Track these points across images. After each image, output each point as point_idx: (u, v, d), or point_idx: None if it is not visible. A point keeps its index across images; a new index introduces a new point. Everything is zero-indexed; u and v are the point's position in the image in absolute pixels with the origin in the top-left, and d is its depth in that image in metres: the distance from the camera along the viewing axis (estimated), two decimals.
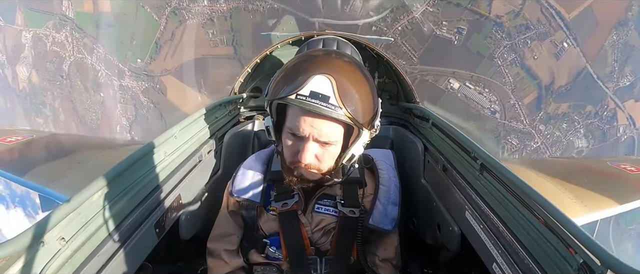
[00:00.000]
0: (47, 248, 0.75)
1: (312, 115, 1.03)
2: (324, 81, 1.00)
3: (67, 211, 0.81)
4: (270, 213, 1.29)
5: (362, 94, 1.06)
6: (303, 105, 1.00)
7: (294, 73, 1.06)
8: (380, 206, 1.28)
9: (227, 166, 1.76)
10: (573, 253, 0.73)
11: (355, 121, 1.04)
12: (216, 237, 1.38)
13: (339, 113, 1.01)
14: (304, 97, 1.00)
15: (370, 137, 1.15)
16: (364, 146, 1.17)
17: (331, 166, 1.16)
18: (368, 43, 2.22)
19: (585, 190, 2.80)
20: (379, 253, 1.34)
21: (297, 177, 1.16)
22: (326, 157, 1.13)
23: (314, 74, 1.01)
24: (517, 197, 0.94)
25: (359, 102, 1.04)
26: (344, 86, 1.02)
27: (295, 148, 1.11)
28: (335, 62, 1.10)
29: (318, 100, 0.99)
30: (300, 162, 1.09)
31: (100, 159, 2.99)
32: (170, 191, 1.28)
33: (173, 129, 1.32)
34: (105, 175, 0.95)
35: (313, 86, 1.00)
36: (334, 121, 1.05)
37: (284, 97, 1.03)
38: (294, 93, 1.01)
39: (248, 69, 2.26)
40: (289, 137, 1.12)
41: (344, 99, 1.01)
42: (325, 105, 0.99)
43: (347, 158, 1.14)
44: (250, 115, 2.29)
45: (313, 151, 1.09)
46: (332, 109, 1.00)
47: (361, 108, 1.05)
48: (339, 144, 1.12)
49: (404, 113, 2.24)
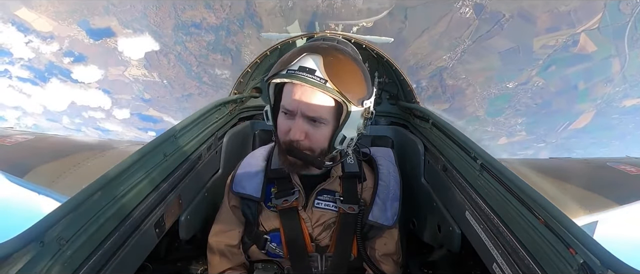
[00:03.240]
0: (47, 248, 0.75)
1: (300, 88, 1.08)
2: (313, 58, 1.09)
3: (67, 211, 0.81)
4: (271, 209, 1.29)
5: (350, 73, 1.12)
6: (291, 77, 1.08)
7: (288, 55, 1.15)
8: (380, 202, 1.28)
9: (227, 166, 1.76)
10: (573, 253, 0.72)
11: (341, 95, 1.07)
12: (217, 232, 1.37)
13: (325, 85, 1.06)
14: (293, 70, 1.08)
15: (364, 122, 1.16)
16: (358, 130, 1.17)
17: (324, 147, 1.16)
18: (368, 43, 2.23)
19: (586, 191, 2.80)
20: (380, 248, 1.34)
21: (291, 160, 1.16)
22: (317, 136, 1.13)
23: (305, 52, 1.11)
24: (517, 197, 0.94)
25: (346, 79, 1.09)
26: (331, 63, 1.08)
27: (287, 126, 1.14)
28: (327, 46, 1.16)
29: (305, 73, 1.06)
30: (291, 139, 1.11)
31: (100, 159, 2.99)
32: (170, 191, 1.28)
33: (173, 129, 1.32)
34: (105, 175, 0.95)
35: (302, 62, 1.09)
36: (322, 96, 1.08)
37: (276, 73, 1.11)
38: (285, 69, 1.10)
39: (248, 69, 2.26)
40: (282, 117, 1.16)
41: (330, 73, 1.06)
42: (311, 76, 1.06)
43: (339, 140, 1.14)
44: (250, 115, 2.29)
45: (302, 127, 1.11)
46: (317, 80, 1.06)
47: (349, 85, 1.09)
48: (330, 124, 1.14)
49: (404, 113, 2.24)
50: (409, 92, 2.23)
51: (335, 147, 1.16)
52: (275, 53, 2.27)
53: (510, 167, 1.02)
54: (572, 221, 0.76)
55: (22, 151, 3.12)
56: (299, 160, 1.15)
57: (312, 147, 1.14)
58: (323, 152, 1.16)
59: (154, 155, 1.19)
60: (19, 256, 0.68)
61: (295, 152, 1.13)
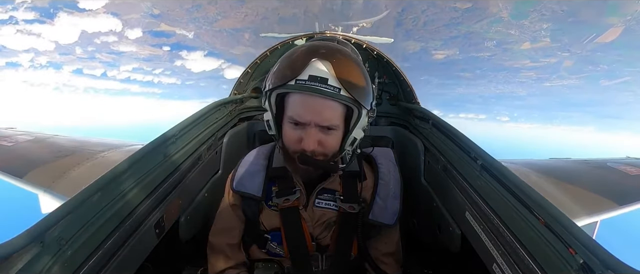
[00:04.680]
0: (47, 248, 0.75)
1: (312, 99, 1.03)
2: (322, 65, 1.02)
3: (67, 211, 0.81)
4: (272, 208, 1.28)
5: (358, 77, 1.08)
6: (303, 89, 1.01)
7: (291, 62, 1.07)
8: (380, 201, 1.27)
9: (227, 166, 1.76)
10: (573, 253, 0.73)
11: (355, 102, 1.05)
12: (218, 231, 1.36)
13: (340, 94, 1.02)
14: (304, 81, 1.01)
15: (368, 121, 1.16)
16: (363, 129, 1.16)
17: (335, 151, 1.14)
18: (368, 44, 2.23)
19: (586, 191, 2.80)
20: (381, 247, 1.33)
21: (303, 168, 1.14)
22: (330, 142, 1.11)
23: (311, 58, 1.03)
24: (517, 197, 0.94)
25: (356, 84, 1.06)
26: (342, 68, 1.03)
27: (297, 136, 1.09)
28: (334, 49, 1.11)
29: (317, 83, 1.00)
30: (304, 150, 1.08)
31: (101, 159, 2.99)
32: (170, 191, 1.28)
33: (173, 130, 1.32)
34: (105, 175, 0.95)
35: (311, 70, 1.01)
36: (334, 104, 1.05)
37: (283, 84, 1.03)
38: (293, 79, 1.02)
39: (248, 70, 2.27)
40: (290, 127, 1.11)
41: (343, 80, 1.02)
42: (325, 87, 1.00)
43: (350, 142, 1.14)
44: (250, 115, 2.29)
45: (315, 137, 1.08)
46: (332, 90, 1.01)
47: (359, 90, 1.06)
48: (341, 128, 1.12)
49: (404, 113, 2.24)
50: (409, 93, 2.23)
51: (345, 149, 1.16)
52: (275, 53, 2.27)
53: (510, 168, 1.03)
54: (572, 221, 0.76)
55: (22, 151, 3.12)
56: (312, 167, 1.13)
57: (325, 153, 1.13)
58: (335, 156, 1.16)
59: (154, 155, 1.19)
60: (19, 256, 0.68)
61: (310, 161, 1.11)
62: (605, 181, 3.05)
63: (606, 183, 3.00)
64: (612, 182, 3.01)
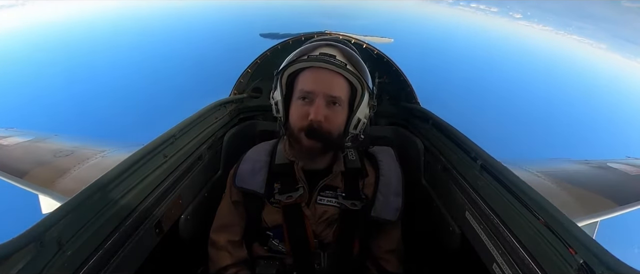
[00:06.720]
0: (47, 248, 0.75)
1: (322, 73, 1.17)
2: (331, 48, 1.22)
3: (66, 211, 0.81)
4: (274, 205, 1.27)
5: (360, 62, 1.24)
6: (316, 60, 1.17)
7: (303, 48, 1.25)
8: (381, 197, 1.27)
9: (227, 166, 1.75)
10: (573, 253, 0.73)
11: (359, 78, 1.18)
12: (219, 228, 1.35)
13: (346, 68, 1.17)
14: (315, 56, 1.19)
15: (369, 111, 1.25)
16: (366, 117, 1.25)
17: (340, 131, 1.21)
18: (368, 44, 2.23)
19: (586, 191, 2.80)
20: (383, 244, 1.33)
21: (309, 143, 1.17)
22: (335, 118, 1.18)
23: (321, 44, 1.24)
24: (517, 197, 0.94)
25: (359, 66, 1.21)
26: (348, 54, 1.23)
27: (305, 111, 1.17)
28: (337, 40, 1.32)
29: (327, 57, 1.18)
30: (312, 120, 1.14)
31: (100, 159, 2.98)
32: (170, 191, 1.28)
33: (173, 130, 1.32)
34: (105, 175, 0.95)
35: (321, 50, 1.21)
36: (341, 80, 1.18)
37: (295, 61, 1.20)
38: (306, 55, 1.20)
39: (248, 70, 2.27)
40: (299, 104, 1.19)
41: (348, 59, 1.21)
42: (333, 60, 1.17)
43: (354, 123, 1.22)
44: (250, 115, 2.29)
45: (323, 108, 1.15)
46: (339, 63, 1.17)
47: (362, 71, 1.21)
48: (345, 105, 1.21)
49: (404, 113, 2.24)
50: (409, 93, 2.23)
51: (350, 132, 1.22)
52: (276, 53, 2.27)
53: (510, 168, 1.03)
54: (572, 221, 0.76)
55: (22, 151, 3.12)
56: (319, 142, 1.17)
57: (330, 130, 1.17)
58: (340, 137, 1.21)
59: (154, 155, 1.19)
60: (19, 256, 0.68)
61: (316, 132, 1.15)
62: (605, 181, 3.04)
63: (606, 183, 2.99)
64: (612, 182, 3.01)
